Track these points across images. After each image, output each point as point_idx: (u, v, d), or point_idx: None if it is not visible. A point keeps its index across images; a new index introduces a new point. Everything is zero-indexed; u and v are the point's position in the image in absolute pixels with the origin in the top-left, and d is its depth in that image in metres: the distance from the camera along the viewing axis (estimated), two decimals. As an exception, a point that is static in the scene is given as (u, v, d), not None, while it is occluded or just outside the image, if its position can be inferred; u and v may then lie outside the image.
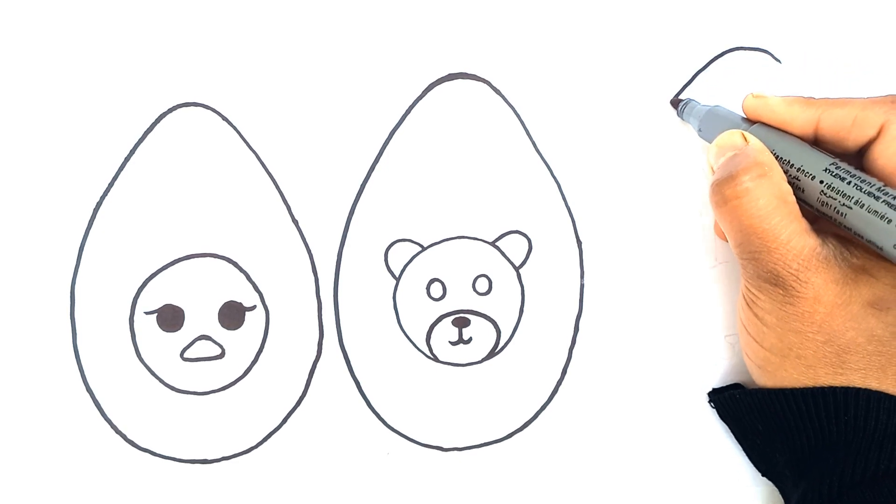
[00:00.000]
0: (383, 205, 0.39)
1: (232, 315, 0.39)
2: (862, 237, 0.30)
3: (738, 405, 0.36)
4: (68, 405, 0.38)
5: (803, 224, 0.32)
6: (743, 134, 0.33)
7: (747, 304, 0.34)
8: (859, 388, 0.31)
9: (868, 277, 0.31)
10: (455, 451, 0.39)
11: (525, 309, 0.39)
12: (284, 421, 0.39)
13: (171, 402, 0.39)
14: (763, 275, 0.32)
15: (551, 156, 0.39)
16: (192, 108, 0.39)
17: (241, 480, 0.39)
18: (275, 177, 0.39)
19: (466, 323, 0.39)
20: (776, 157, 0.33)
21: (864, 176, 0.31)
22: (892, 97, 0.32)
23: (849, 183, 0.30)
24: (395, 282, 0.39)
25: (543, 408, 0.39)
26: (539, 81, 0.39)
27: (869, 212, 0.30)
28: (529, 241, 0.39)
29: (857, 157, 0.33)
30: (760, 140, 0.33)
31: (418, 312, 0.39)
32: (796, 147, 0.33)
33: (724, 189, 0.32)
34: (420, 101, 0.39)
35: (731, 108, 0.36)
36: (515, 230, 0.39)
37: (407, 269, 0.39)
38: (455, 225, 0.39)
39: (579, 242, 0.39)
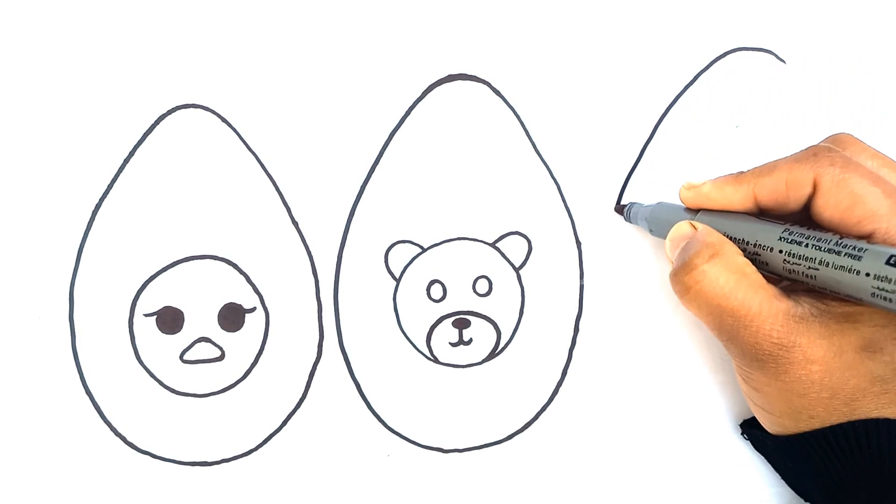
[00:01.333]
0: (383, 206, 0.39)
1: (232, 317, 0.39)
2: (839, 293, 0.30)
3: (765, 443, 0.37)
4: (68, 408, 0.38)
5: (770, 290, 0.31)
6: (691, 223, 0.34)
7: (744, 380, 0.33)
8: (878, 419, 0.31)
9: (853, 323, 0.30)
10: (455, 453, 0.39)
11: (525, 310, 0.39)
12: (284, 423, 0.39)
13: (170, 405, 0.38)
14: (748, 352, 0.31)
15: (551, 157, 0.39)
16: (191, 109, 0.39)
17: (242, 482, 0.38)
18: (274, 178, 0.39)
19: (467, 324, 0.39)
20: (731, 239, 0.33)
21: (819, 234, 0.30)
22: (812, 149, 0.32)
23: (807, 245, 0.30)
24: (395, 283, 0.39)
25: (544, 409, 0.39)
26: (539, 82, 0.39)
27: (835, 268, 0.29)
28: (529, 242, 0.39)
29: (806, 214, 0.32)
30: (709, 225, 0.34)
31: (418, 314, 0.39)
32: (745, 224, 0.33)
33: (683, 278, 0.32)
34: (420, 103, 0.39)
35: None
36: (515, 231, 0.39)
37: (407, 270, 0.39)
38: (455, 226, 0.39)
39: (579, 243, 0.39)
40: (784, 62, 0.39)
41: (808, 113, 0.40)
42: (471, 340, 0.39)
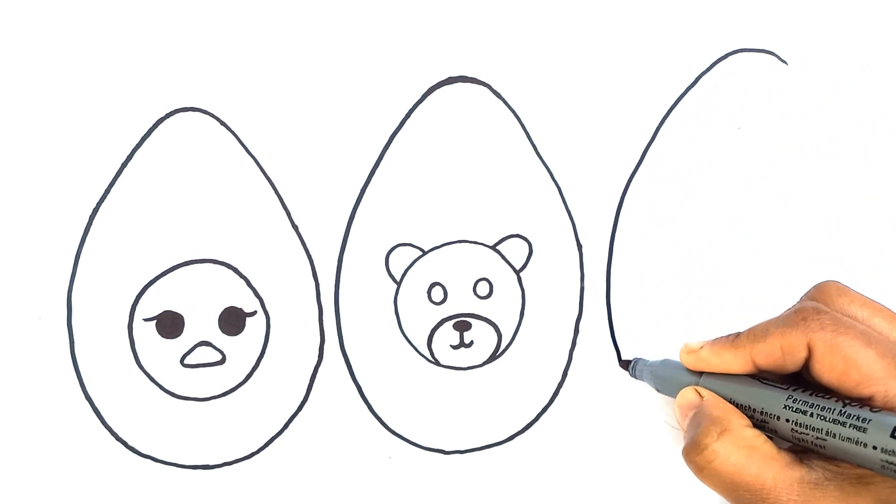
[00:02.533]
0: (384, 209, 0.39)
1: (232, 321, 0.39)
2: (850, 462, 0.30)
3: None
4: (68, 414, 0.38)
5: (782, 459, 0.31)
6: (696, 390, 0.34)
7: None
8: None
9: (867, 485, 0.30)
10: (457, 455, 0.39)
11: (526, 312, 0.39)
12: (286, 426, 0.39)
13: (171, 409, 0.38)
14: None
15: (552, 159, 0.39)
16: (190, 112, 0.38)
17: (243, 486, 0.39)
18: (274, 182, 0.39)
19: (467, 326, 0.39)
20: (736, 404, 0.33)
21: (822, 402, 0.30)
22: (801, 312, 0.32)
23: (812, 415, 0.30)
24: (395, 286, 0.39)
25: (544, 410, 0.39)
26: (540, 84, 0.39)
27: (842, 440, 0.29)
28: (530, 244, 0.39)
29: (807, 373, 0.32)
30: (713, 390, 0.34)
31: (419, 316, 0.39)
32: (749, 390, 0.33)
33: (694, 458, 0.32)
34: (420, 105, 0.39)
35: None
36: (516, 234, 0.39)
37: (408, 273, 0.39)
38: (456, 229, 0.39)
39: (579, 246, 0.39)
40: (786, 63, 0.39)
41: (810, 114, 0.40)
42: (472, 343, 0.39)
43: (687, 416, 0.34)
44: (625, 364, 0.39)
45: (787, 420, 0.31)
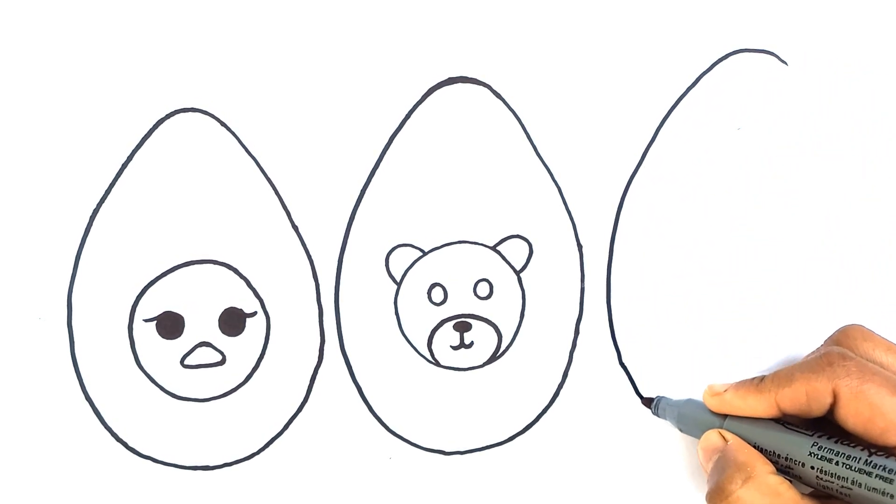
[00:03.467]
0: (384, 210, 0.39)
1: (232, 321, 0.39)
2: None
3: None
4: (68, 415, 0.38)
5: None
6: (720, 433, 0.34)
7: None
8: None
9: None
10: (457, 455, 0.39)
11: (526, 313, 0.39)
12: (286, 427, 0.39)
13: (171, 410, 0.38)
14: None
15: (552, 159, 0.39)
16: (190, 113, 0.38)
17: (243, 487, 0.39)
18: (274, 182, 0.39)
19: (468, 327, 0.39)
20: (760, 449, 0.33)
21: (848, 451, 0.30)
22: (827, 357, 0.32)
23: (837, 463, 0.30)
24: (395, 287, 0.39)
25: (545, 411, 0.39)
26: (540, 85, 0.39)
27: (868, 489, 0.29)
28: (530, 245, 0.39)
29: (831, 417, 0.32)
30: (737, 434, 0.34)
31: (419, 317, 0.39)
32: (774, 435, 0.33)
33: (719, 503, 0.32)
34: (420, 106, 0.39)
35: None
36: (516, 234, 0.39)
37: (408, 274, 0.39)
38: (456, 229, 0.39)
39: (580, 246, 0.39)
40: (786, 64, 0.39)
41: (810, 114, 0.40)
42: (472, 343, 0.39)
43: (711, 458, 0.34)
44: (647, 402, 0.39)
45: (813, 467, 0.31)
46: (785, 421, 0.34)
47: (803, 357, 0.35)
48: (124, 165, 0.38)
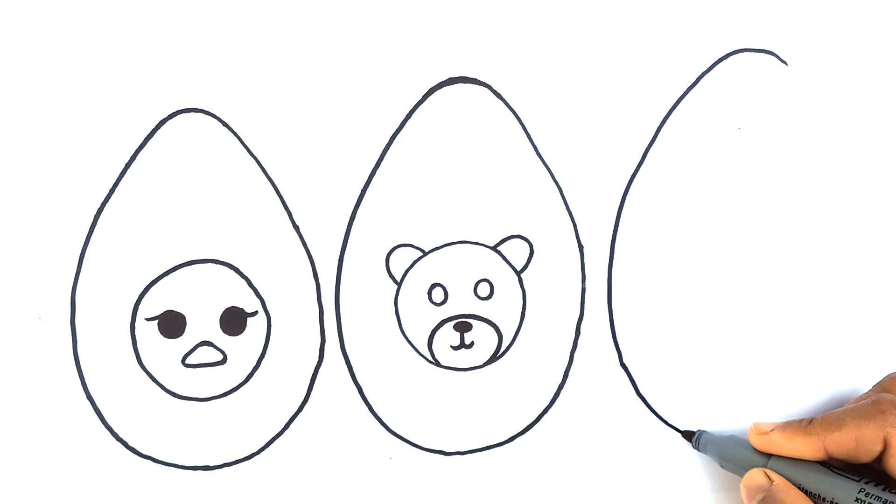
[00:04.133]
0: (384, 210, 0.39)
1: (233, 321, 0.39)
2: None
3: None
4: (69, 413, 0.38)
5: None
6: (765, 472, 0.34)
7: None
8: None
9: None
10: (457, 456, 0.39)
11: (526, 313, 0.39)
12: (286, 427, 0.39)
13: (172, 409, 0.38)
14: None
15: (552, 159, 0.39)
16: (192, 113, 0.38)
17: (244, 487, 0.38)
18: (275, 182, 0.39)
19: (468, 327, 0.39)
20: (805, 491, 0.33)
21: (895, 498, 0.31)
22: (878, 404, 0.32)
23: None
24: (396, 287, 0.39)
25: (545, 411, 0.39)
26: (540, 85, 0.39)
27: None
28: (531, 245, 0.39)
29: (878, 464, 0.32)
30: (782, 474, 0.34)
31: (420, 317, 0.39)
32: (819, 478, 0.33)
33: None
34: (421, 106, 0.39)
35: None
36: (517, 234, 0.39)
37: (408, 274, 0.39)
38: (456, 229, 0.39)
39: (581, 246, 0.39)
40: (786, 63, 0.39)
41: (810, 114, 0.40)
42: (472, 344, 0.39)
43: (754, 497, 0.34)
44: (688, 435, 0.39)
45: None
46: (830, 464, 0.34)
47: (851, 401, 0.35)
48: (127, 165, 0.38)
